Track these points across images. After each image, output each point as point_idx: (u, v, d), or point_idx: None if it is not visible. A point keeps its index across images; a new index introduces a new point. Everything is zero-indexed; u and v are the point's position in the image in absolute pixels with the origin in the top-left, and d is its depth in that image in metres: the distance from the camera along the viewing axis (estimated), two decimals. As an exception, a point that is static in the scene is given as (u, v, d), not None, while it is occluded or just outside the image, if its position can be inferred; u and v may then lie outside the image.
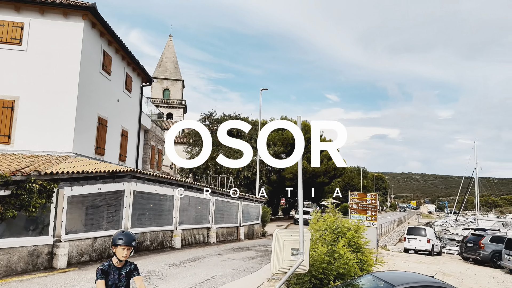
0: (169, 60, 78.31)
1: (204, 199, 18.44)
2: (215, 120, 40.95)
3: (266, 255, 15.54)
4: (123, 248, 3.76)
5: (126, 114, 17.98)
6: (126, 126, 17.99)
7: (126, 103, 17.99)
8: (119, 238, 3.74)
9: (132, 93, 18.56)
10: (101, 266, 3.78)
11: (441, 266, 18.97)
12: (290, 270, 5.77)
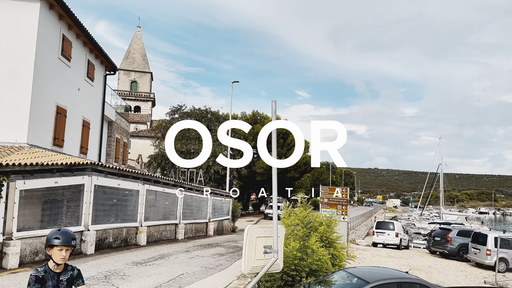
0: (137, 51, 76.10)
1: (171, 194, 17.70)
2: (184, 114, 39.92)
3: (236, 251, 15.04)
4: (61, 249, 3.12)
5: (88, 104, 16.93)
6: (88, 116, 16.94)
7: (88, 92, 16.93)
8: (55, 237, 3.10)
9: (94, 82, 17.50)
10: (34, 273, 3.11)
11: (410, 260, 19.11)
12: (263, 269, 5.28)
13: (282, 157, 34.26)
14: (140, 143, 50.01)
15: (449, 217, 50.60)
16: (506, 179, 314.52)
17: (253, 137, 40.20)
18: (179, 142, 36.82)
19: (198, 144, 37.39)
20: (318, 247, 10.12)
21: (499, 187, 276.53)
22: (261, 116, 43.54)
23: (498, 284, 14.19)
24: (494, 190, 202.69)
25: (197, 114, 39.25)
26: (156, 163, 36.78)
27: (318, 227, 11.77)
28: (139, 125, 59.58)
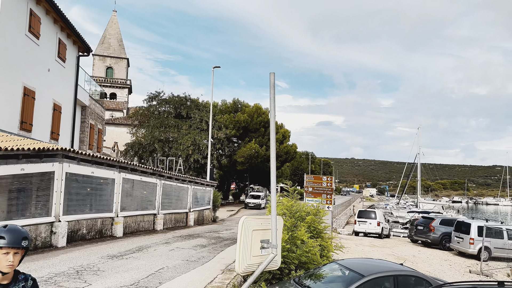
0: (113, 36, 73.56)
1: (150, 183, 16.84)
2: (163, 101, 38.70)
3: (218, 243, 14.39)
4: (6, 252, 2.26)
5: (59, 86, 15.77)
6: (59, 100, 15.79)
7: (59, 73, 15.76)
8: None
9: (66, 63, 16.31)
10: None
11: (394, 249, 18.95)
12: (260, 267, 4.63)
13: (263, 146, 33.64)
14: (116, 131, 48.42)
15: (425, 206, 51.35)
16: (477, 169, 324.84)
17: (234, 125, 39.43)
18: (157, 130, 35.71)
19: (177, 132, 36.36)
20: (307, 238, 9.59)
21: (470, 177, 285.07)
22: (241, 104, 42.72)
23: (483, 273, 14.09)
24: (466, 180, 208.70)
25: (176, 102, 38.11)
26: (133, 152, 35.62)
27: (305, 216, 11.24)
28: (115, 113, 57.77)
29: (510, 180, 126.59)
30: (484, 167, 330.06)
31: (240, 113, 40.43)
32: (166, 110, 38.80)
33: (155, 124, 36.11)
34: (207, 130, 35.44)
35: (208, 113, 37.07)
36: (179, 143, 35.03)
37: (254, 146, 38.39)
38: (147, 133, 36.13)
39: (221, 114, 40.30)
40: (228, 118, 39.17)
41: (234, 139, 42.31)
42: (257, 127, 41.19)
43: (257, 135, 41.41)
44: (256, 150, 38.58)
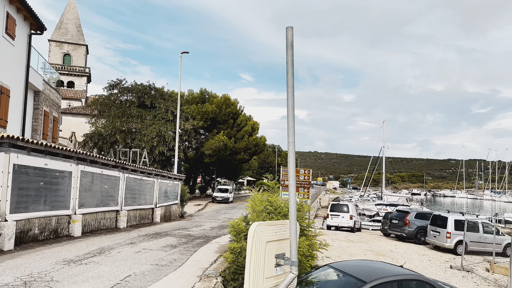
0: (71, 21, 69.44)
1: (112, 176, 15.28)
2: (125, 89, 36.50)
3: (190, 242, 13.17)
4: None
5: (6, 67, 13.82)
6: (7, 82, 13.85)
7: (7, 52, 13.81)
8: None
9: (16, 40, 14.35)
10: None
11: (370, 244, 18.45)
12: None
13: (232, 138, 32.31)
14: (74, 121, 45.59)
15: (389, 199, 52.18)
16: (433, 162, 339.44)
17: (201, 117, 37.92)
18: (119, 120, 33.61)
19: (140, 122, 34.41)
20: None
21: (427, 170, 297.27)
22: (209, 95, 41.19)
23: (464, 269, 13.74)
24: (425, 173, 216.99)
25: (139, 90, 36.06)
26: (92, 143, 33.36)
27: (287, 213, 10.26)
28: (72, 102, 54.55)
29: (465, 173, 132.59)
30: (440, 161, 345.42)
31: (208, 104, 38.91)
32: (128, 99, 36.64)
33: (117, 113, 33.97)
34: (173, 120, 33.76)
35: (174, 103, 35.35)
36: (143, 134, 33.15)
37: (223, 138, 37.11)
38: (108, 123, 33.92)
39: (187, 104, 38.64)
40: (196, 109, 37.61)
41: (202, 131, 40.80)
42: (226, 118, 39.87)
43: (225, 126, 40.11)
44: (225, 142, 37.31)
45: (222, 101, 39.60)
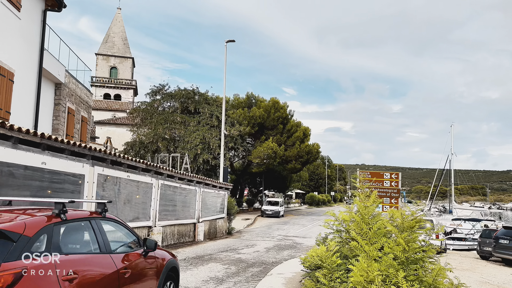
0: (117, 35, 69.57)
1: (142, 182, 12.02)
2: (167, 95, 34.04)
3: (242, 271, 9.47)
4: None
5: (6, 43, 11.04)
6: (8, 62, 11.03)
7: (8, 23, 11.03)
8: None
9: (23, 13, 11.58)
10: None
11: (477, 272, 13.82)
12: None
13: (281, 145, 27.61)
14: (118, 132, 43.98)
15: (459, 213, 45.82)
16: (492, 174, 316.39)
17: (248, 122, 34.57)
18: (161, 127, 31.01)
19: (184, 129, 31.62)
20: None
21: (485, 182, 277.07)
22: (256, 99, 37.86)
23: None
24: (488, 185, 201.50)
25: (182, 95, 33.40)
26: (133, 152, 30.92)
27: (391, 233, 6.26)
28: (118, 113, 53.42)
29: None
30: (498, 172, 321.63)
31: (255, 108, 35.54)
32: (171, 105, 34.12)
33: (159, 120, 31.42)
34: (218, 126, 30.66)
35: (219, 107, 32.30)
36: (186, 142, 30.28)
37: (272, 145, 33.43)
38: (150, 130, 31.45)
39: (233, 109, 35.47)
40: (242, 114, 34.33)
41: (249, 139, 37.47)
42: (275, 123, 36.22)
43: (274, 132, 36.44)
44: (274, 150, 33.61)
45: (270, 105, 36.10)
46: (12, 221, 3.35)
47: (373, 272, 4.71)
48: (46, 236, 3.45)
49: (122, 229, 4.98)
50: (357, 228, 5.45)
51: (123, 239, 4.93)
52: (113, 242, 4.53)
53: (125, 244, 4.87)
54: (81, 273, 3.59)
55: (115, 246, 4.56)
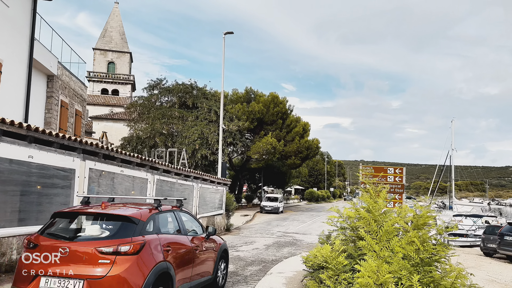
0: (115, 29, 68.83)
1: (137, 178, 11.58)
2: (165, 90, 33.53)
3: (241, 270, 9.07)
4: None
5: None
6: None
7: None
8: None
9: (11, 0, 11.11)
10: None
11: (483, 270, 13.45)
12: None
13: (281, 141, 27.06)
14: (116, 127, 43.48)
15: (460, 209, 45.54)
16: (490, 170, 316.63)
17: (247, 117, 34.10)
18: (158, 122, 30.55)
19: (181, 124, 31.17)
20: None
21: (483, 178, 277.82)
22: (255, 94, 37.36)
23: None
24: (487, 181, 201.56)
25: (180, 90, 32.89)
26: (131, 147, 30.46)
27: (399, 231, 5.83)
28: (115, 108, 52.80)
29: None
30: (497, 168, 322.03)
31: (254, 103, 35.05)
32: (169, 100, 33.63)
33: (156, 115, 30.95)
34: (217, 121, 30.19)
35: (217, 102, 31.83)
36: (184, 137, 29.84)
37: (271, 140, 32.97)
38: (147, 125, 31.00)
39: (232, 104, 34.99)
40: (241, 109, 33.84)
41: (247, 134, 36.99)
42: (274, 118, 35.74)
43: (273, 128, 35.97)
44: (274, 145, 33.17)
45: (269, 100, 35.60)
46: (132, 211, 5.17)
47: (384, 274, 4.29)
48: (152, 221, 5.24)
49: (192, 219, 6.89)
50: (366, 226, 5.01)
51: (192, 226, 6.68)
52: (187, 227, 6.36)
53: (194, 229, 6.64)
54: (172, 246, 5.38)
55: (188, 230, 6.38)
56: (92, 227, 4.88)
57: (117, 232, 4.80)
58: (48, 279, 4.55)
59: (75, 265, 4.51)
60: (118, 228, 4.85)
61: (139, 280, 4.56)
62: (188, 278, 5.81)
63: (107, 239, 4.70)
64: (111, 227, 4.91)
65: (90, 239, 4.72)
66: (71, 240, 4.78)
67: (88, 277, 4.44)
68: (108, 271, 4.45)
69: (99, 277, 4.43)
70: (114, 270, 4.46)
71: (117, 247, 4.55)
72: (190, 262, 5.89)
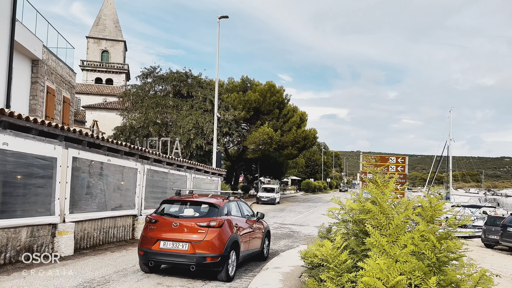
0: (109, 17, 67.53)
1: (126, 167, 10.98)
2: (159, 78, 32.73)
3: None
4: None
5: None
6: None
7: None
8: None
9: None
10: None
11: (486, 262, 13.02)
12: None
13: (277, 131, 26.34)
14: (109, 117, 42.63)
15: (458, 199, 45.28)
16: (486, 160, 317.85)
17: (243, 106, 33.42)
18: (152, 111, 29.84)
19: (176, 113, 30.46)
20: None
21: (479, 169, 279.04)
22: (251, 83, 36.61)
23: None
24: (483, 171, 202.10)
25: (174, 78, 32.11)
26: (124, 137, 29.75)
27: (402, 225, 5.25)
28: (109, 98, 51.85)
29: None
30: (492, 159, 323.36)
31: (250, 92, 34.33)
32: (163, 89, 32.85)
33: (150, 104, 30.19)
34: (212, 110, 29.52)
35: (213, 91, 31.13)
36: (179, 126, 29.16)
37: (268, 130, 32.33)
38: (141, 115, 30.26)
39: (228, 93, 34.24)
40: (237, 98, 33.12)
41: (244, 124, 36.31)
42: (271, 108, 35.06)
43: (270, 117, 35.31)
44: (270, 135, 32.54)
45: (266, 89, 34.87)
46: (214, 200, 7.63)
47: (396, 275, 3.74)
48: (226, 207, 7.52)
49: (247, 207, 9.15)
50: (373, 220, 4.44)
51: (247, 212, 8.92)
52: (245, 212, 8.67)
53: (248, 214, 8.85)
54: (238, 225, 7.70)
55: (245, 214, 8.63)
56: (190, 209, 7.44)
57: (207, 213, 7.30)
58: (165, 242, 6.90)
59: (183, 233, 6.91)
60: (207, 211, 7.37)
61: (222, 244, 6.89)
62: (247, 248, 8.20)
63: (202, 217, 7.17)
64: (203, 210, 7.43)
65: (191, 217, 7.22)
66: (178, 218, 7.19)
67: (191, 241, 6.82)
68: (204, 237, 6.83)
69: (199, 241, 6.80)
70: (208, 237, 6.83)
71: (209, 222, 6.95)
72: (248, 237, 8.28)
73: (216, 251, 6.76)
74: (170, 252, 6.80)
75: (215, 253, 6.74)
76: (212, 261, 6.73)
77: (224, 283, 6.95)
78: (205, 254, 6.71)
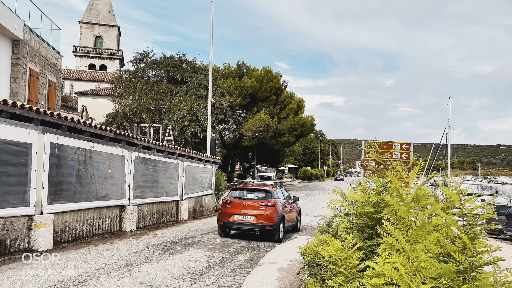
0: (102, 2, 65.92)
1: (112, 155, 10.23)
2: (152, 63, 31.77)
3: (228, 259, 7.85)
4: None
5: None
6: None
7: None
8: None
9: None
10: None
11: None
12: None
13: (274, 118, 25.41)
14: (102, 103, 41.65)
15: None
16: (481, 148, 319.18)
17: (239, 92, 32.57)
18: (145, 97, 28.97)
19: (170, 99, 29.62)
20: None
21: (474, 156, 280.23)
22: (248, 69, 35.72)
23: None
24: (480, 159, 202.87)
25: (168, 63, 31.19)
26: (116, 123, 28.92)
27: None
28: (102, 84, 50.75)
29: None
30: (488, 147, 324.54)
31: (247, 78, 33.46)
32: (156, 74, 31.94)
33: (143, 90, 29.32)
34: (207, 96, 28.69)
35: (208, 76, 30.25)
36: (173, 113, 28.37)
37: (265, 117, 31.58)
38: (133, 101, 29.39)
39: (223, 79, 33.35)
40: (233, 84, 32.27)
41: (239, 111, 35.50)
42: (267, 94, 34.26)
43: (267, 104, 34.51)
44: (267, 122, 31.80)
45: (262, 75, 34.01)
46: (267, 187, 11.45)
47: (419, 283, 3.07)
48: (276, 192, 11.21)
49: (286, 192, 12.48)
50: (392, 217, 3.74)
51: (287, 196, 12.29)
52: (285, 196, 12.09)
53: (287, 198, 12.13)
54: (283, 205, 11.19)
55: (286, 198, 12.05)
56: (252, 194, 10.90)
57: (265, 197, 10.63)
58: (237, 216, 10.30)
59: (249, 209, 10.30)
60: (264, 195, 10.68)
61: (275, 217, 10.27)
62: (288, 221, 11.51)
63: (261, 199, 10.53)
64: (261, 194, 10.76)
65: (254, 199, 10.64)
66: (245, 199, 10.63)
67: (255, 215, 10.17)
68: (264, 212, 10.19)
69: (260, 215, 10.15)
70: (266, 212, 10.20)
71: (266, 202, 10.38)
72: (289, 213, 11.61)
73: (272, 221, 10.15)
74: (242, 222, 10.24)
75: (272, 223, 10.13)
76: (270, 228, 10.10)
77: (276, 243, 10.21)
78: (265, 223, 10.07)
